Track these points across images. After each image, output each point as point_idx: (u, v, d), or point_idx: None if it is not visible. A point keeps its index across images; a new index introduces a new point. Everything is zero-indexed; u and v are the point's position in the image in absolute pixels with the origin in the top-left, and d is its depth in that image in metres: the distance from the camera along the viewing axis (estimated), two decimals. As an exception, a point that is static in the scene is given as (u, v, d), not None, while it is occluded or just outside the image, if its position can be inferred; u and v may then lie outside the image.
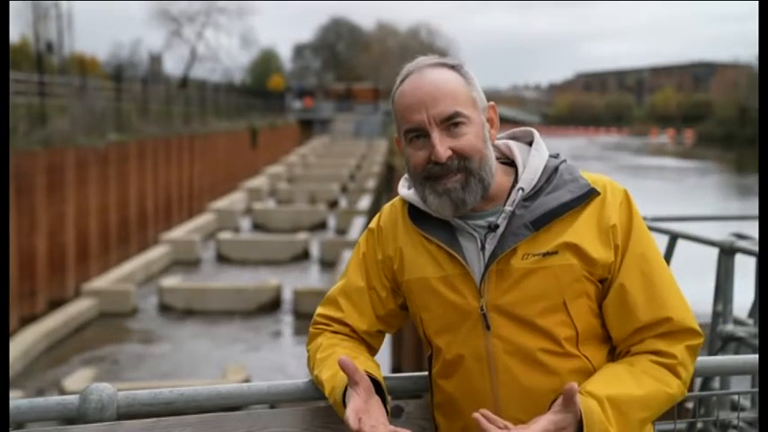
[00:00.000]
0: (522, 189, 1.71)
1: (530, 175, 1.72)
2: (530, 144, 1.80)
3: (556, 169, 1.74)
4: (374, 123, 60.00)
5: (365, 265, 1.85)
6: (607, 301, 1.70)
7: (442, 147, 1.66)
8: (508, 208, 1.69)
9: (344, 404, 1.63)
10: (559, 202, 1.68)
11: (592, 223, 1.68)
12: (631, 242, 1.69)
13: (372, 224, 1.88)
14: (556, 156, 1.78)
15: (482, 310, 1.67)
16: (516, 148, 1.79)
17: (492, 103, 1.77)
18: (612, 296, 1.69)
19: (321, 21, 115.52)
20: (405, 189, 1.82)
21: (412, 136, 1.70)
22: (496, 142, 1.80)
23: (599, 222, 1.68)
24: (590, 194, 1.69)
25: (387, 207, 1.89)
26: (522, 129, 1.85)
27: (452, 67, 1.73)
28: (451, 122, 1.67)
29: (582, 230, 1.67)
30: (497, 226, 1.69)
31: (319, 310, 1.89)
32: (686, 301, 1.71)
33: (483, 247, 1.69)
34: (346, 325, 1.84)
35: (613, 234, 1.68)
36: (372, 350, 1.87)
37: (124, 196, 20.55)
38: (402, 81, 1.73)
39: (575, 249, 1.66)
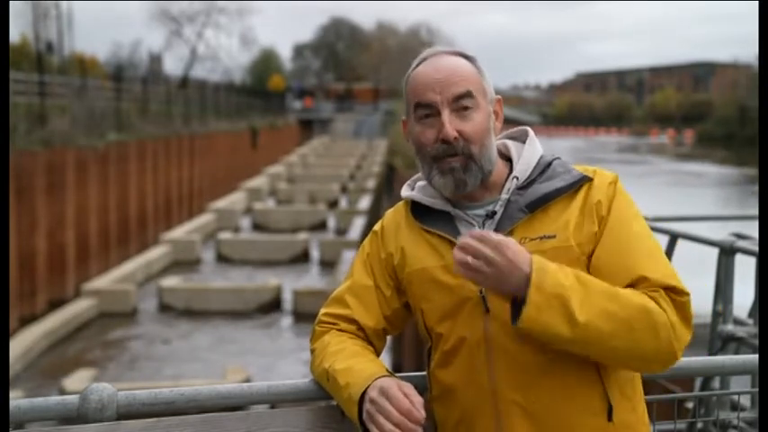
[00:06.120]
0: (517, 178, 1.78)
1: (523, 165, 1.80)
2: (525, 142, 1.87)
3: (549, 164, 1.81)
4: (374, 123, 60.00)
5: (370, 264, 1.88)
6: (589, 269, 1.70)
7: (451, 127, 1.73)
8: (504, 196, 1.76)
9: (360, 404, 1.63)
10: (553, 188, 1.74)
11: (582, 205, 1.73)
12: (612, 212, 1.72)
13: (376, 227, 1.93)
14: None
15: (481, 293, 1.70)
16: (512, 145, 1.87)
17: (499, 96, 1.85)
18: (592, 263, 1.70)
19: (321, 21, 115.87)
20: (408, 190, 1.88)
21: (422, 114, 1.77)
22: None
23: (587, 201, 1.73)
24: (582, 180, 1.75)
25: (390, 211, 1.94)
26: (518, 128, 1.92)
27: (467, 58, 1.81)
28: (462, 105, 1.74)
29: (575, 213, 1.72)
30: (495, 213, 1.75)
31: (324, 309, 1.90)
32: (669, 266, 1.69)
33: None
34: (353, 322, 1.85)
35: (598, 209, 1.72)
36: (376, 351, 1.87)
37: (124, 196, 20.55)
38: (418, 64, 1.81)
39: (570, 232, 1.70)
